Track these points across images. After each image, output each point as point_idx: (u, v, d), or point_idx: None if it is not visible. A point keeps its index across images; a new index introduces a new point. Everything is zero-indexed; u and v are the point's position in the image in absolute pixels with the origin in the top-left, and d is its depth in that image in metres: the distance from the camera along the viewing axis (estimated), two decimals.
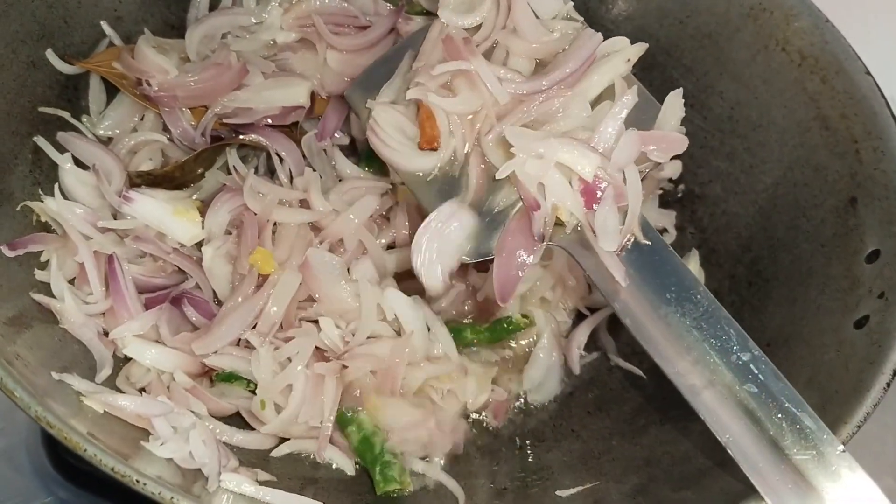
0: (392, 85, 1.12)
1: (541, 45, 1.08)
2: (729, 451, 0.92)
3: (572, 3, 1.13)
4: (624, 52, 1.07)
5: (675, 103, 1.09)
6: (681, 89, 1.08)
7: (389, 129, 1.07)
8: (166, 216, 1.13)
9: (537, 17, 1.09)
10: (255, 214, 1.12)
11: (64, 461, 1.19)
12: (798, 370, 1.05)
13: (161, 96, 1.21)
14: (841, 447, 0.90)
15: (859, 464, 0.90)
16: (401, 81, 1.11)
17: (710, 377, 0.95)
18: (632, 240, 1.01)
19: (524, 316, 1.22)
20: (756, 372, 0.95)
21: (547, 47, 1.08)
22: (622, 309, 0.99)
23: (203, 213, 1.15)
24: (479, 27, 1.10)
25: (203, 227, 1.14)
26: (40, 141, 1.13)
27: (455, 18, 1.09)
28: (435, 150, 1.05)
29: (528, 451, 1.15)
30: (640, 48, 1.08)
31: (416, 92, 1.05)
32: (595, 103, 1.05)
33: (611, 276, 0.98)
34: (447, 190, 1.05)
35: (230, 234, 1.15)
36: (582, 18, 1.12)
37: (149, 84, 1.21)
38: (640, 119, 1.04)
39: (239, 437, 1.04)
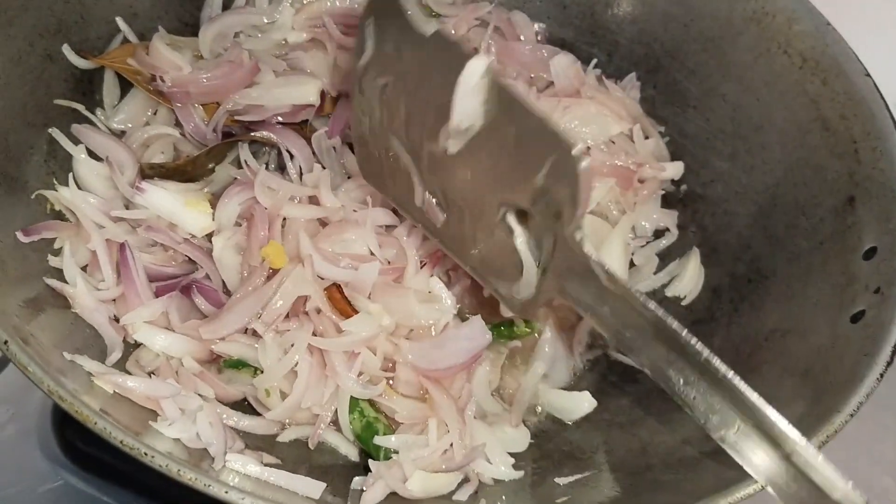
0: None
1: None
2: None
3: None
4: None
5: None
6: None
7: None
8: (178, 207, 1.15)
9: None
10: (266, 209, 1.15)
11: (74, 446, 1.21)
12: (794, 363, 1.07)
13: (174, 92, 1.24)
14: None
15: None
16: None
17: None
18: None
19: (527, 324, 1.24)
20: None
21: None
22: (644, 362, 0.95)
23: (213, 206, 1.18)
24: None
25: (213, 219, 1.16)
26: (55, 132, 1.16)
27: None
28: None
29: (529, 441, 1.16)
30: None
31: None
32: None
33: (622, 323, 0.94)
34: None
35: (239, 225, 1.17)
36: None
37: (162, 80, 1.24)
38: None
39: (245, 422, 1.06)
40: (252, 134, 1.25)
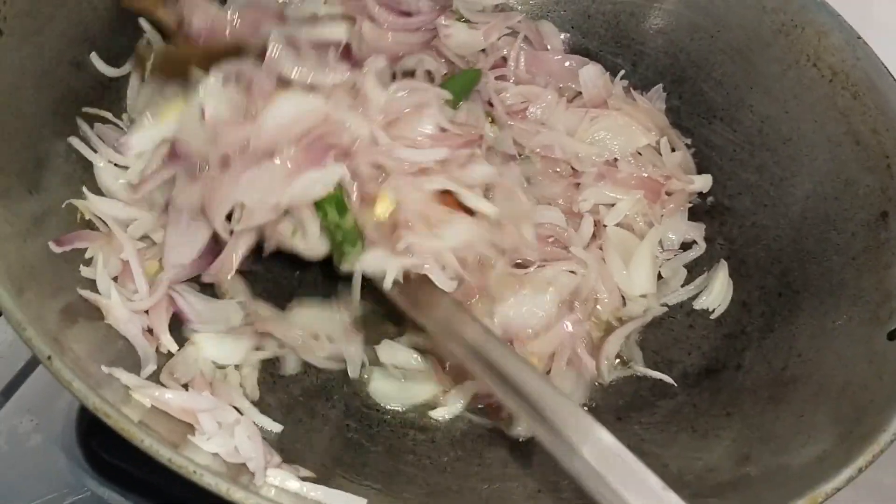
0: None
1: None
2: None
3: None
4: None
5: None
6: None
7: None
8: None
9: None
10: None
11: (98, 457, 1.20)
12: (831, 380, 1.07)
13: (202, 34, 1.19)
14: None
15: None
16: None
17: None
18: None
19: None
20: None
21: None
22: None
23: None
24: None
25: None
26: (75, 141, 1.13)
27: None
28: None
29: None
30: None
31: None
32: None
33: None
34: None
35: None
36: None
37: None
38: None
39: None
40: None
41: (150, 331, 1.06)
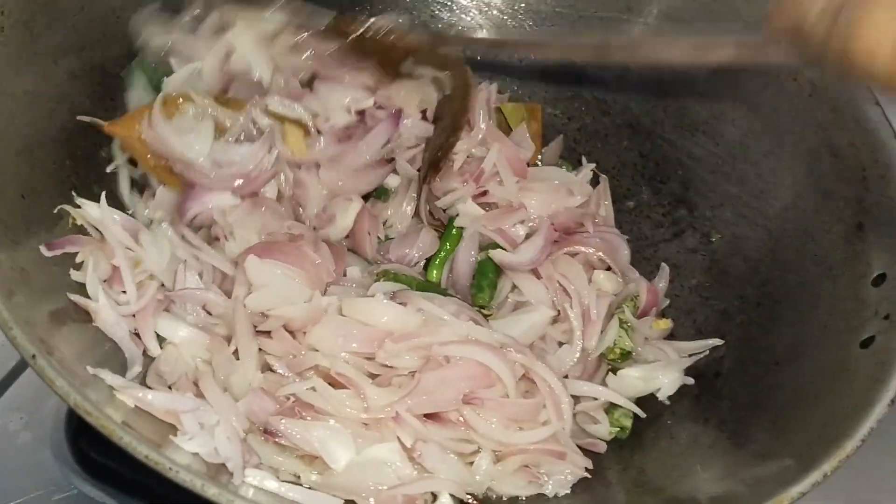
0: None
1: None
2: None
3: None
4: None
5: None
6: None
7: None
8: None
9: None
10: None
11: (87, 456, 1.22)
12: (805, 388, 1.09)
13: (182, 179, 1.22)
14: None
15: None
16: None
17: None
18: None
19: None
20: None
21: None
22: None
23: None
24: None
25: None
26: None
27: None
28: None
29: None
30: None
31: None
32: None
33: None
34: None
35: None
36: None
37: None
38: None
39: None
40: None
41: (137, 334, 1.09)
